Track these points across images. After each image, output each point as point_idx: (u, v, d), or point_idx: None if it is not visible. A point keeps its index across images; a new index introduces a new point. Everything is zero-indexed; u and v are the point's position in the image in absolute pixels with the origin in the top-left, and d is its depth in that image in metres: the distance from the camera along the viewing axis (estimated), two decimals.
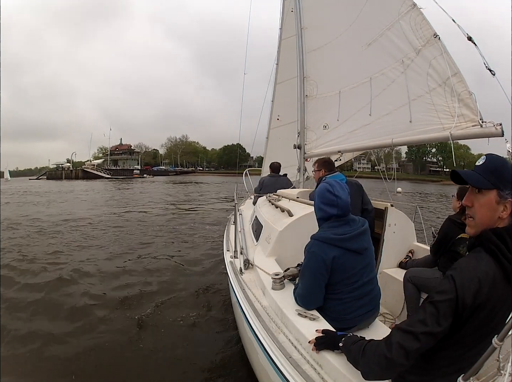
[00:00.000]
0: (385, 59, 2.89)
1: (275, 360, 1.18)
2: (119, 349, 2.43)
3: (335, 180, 1.50)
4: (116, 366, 2.23)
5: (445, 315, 0.81)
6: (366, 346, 0.96)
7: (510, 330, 0.68)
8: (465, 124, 2.21)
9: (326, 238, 1.35)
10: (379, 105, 3.01)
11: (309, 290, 1.37)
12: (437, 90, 2.39)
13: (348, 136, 3.39)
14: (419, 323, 0.83)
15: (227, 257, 2.47)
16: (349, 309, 1.36)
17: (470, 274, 0.82)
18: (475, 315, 0.81)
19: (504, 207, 0.87)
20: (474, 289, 0.80)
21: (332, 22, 3.62)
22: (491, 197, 0.88)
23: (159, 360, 2.30)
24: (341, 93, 3.53)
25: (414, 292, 2.03)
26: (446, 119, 2.35)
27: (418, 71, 2.57)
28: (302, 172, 4.07)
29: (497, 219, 0.88)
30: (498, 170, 0.88)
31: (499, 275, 0.82)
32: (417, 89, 2.58)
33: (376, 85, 3.04)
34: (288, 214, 2.16)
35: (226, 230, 3.39)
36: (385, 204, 2.49)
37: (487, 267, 0.83)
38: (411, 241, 2.63)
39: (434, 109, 2.44)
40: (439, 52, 2.36)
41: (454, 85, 2.26)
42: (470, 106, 2.20)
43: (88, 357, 2.32)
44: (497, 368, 0.83)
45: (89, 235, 6.53)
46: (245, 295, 1.72)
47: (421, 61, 2.52)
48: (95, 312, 3.00)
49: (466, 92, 2.23)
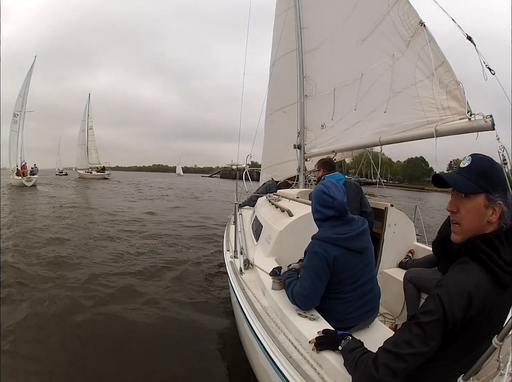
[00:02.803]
0: (378, 54, 2.77)
1: (275, 360, 1.18)
2: (116, 345, 2.43)
3: (332, 181, 1.51)
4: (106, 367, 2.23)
5: (432, 336, 0.77)
6: (358, 361, 0.91)
7: (510, 330, 0.67)
8: (452, 117, 2.04)
9: (327, 237, 1.35)
10: (367, 102, 2.90)
11: (309, 290, 1.37)
12: (425, 82, 2.24)
13: (342, 135, 3.32)
14: (405, 344, 0.78)
15: (227, 257, 2.47)
16: (349, 309, 1.36)
17: (458, 289, 0.77)
18: (467, 327, 0.77)
19: (493, 211, 0.81)
20: (464, 304, 0.75)
21: (328, 19, 3.55)
22: (479, 201, 0.81)
23: (157, 360, 2.30)
24: (336, 91, 3.45)
25: (414, 292, 2.03)
26: (431, 112, 2.19)
27: (407, 64, 2.42)
28: (302, 172, 4.07)
29: (486, 224, 0.82)
30: (488, 173, 0.82)
31: (491, 284, 0.77)
32: (403, 82, 2.43)
33: (366, 81, 2.93)
34: (288, 214, 2.16)
35: (226, 230, 3.39)
36: (385, 204, 2.49)
37: (477, 279, 0.77)
38: (411, 241, 2.63)
39: (419, 101, 2.28)
40: (425, 41, 2.22)
41: (441, 75, 2.10)
42: (458, 97, 2.03)
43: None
44: (497, 368, 0.83)
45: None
46: (245, 295, 1.72)
47: (411, 54, 2.39)
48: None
49: (453, 82, 2.05)
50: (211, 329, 2.73)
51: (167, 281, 3.83)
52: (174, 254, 5.03)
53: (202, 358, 2.34)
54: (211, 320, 2.89)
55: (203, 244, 5.83)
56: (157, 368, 2.20)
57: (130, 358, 2.30)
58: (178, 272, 4.14)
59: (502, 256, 0.78)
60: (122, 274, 4.00)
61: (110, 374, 2.13)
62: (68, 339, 2.52)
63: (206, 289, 3.60)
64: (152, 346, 2.44)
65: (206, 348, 2.46)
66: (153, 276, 3.98)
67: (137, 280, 3.80)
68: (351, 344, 1.02)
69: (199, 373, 2.18)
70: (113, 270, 4.13)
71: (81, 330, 2.65)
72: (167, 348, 2.43)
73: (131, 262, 4.55)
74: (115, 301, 3.20)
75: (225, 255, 2.61)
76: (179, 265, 4.43)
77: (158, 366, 2.22)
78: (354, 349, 0.98)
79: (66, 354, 2.33)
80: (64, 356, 2.31)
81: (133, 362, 2.26)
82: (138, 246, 5.41)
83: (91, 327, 2.71)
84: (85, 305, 3.09)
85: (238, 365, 2.13)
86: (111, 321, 2.82)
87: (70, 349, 2.38)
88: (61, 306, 3.06)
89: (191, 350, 2.42)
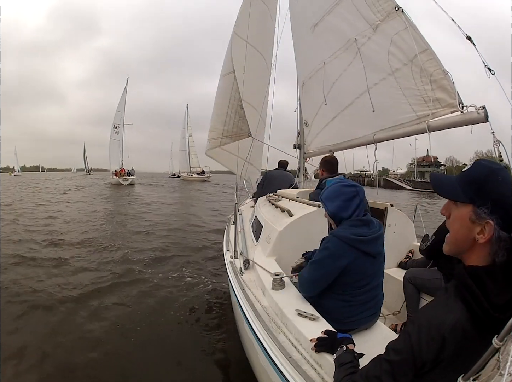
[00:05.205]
0: (336, 39, 2.52)
1: (275, 360, 1.18)
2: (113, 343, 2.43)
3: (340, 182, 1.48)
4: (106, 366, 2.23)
5: (401, 373, 0.73)
6: (341, 381, 0.89)
7: (510, 330, 0.67)
8: (443, 110, 1.88)
9: (345, 236, 1.33)
10: (339, 95, 2.65)
11: (313, 278, 1.38)
12: (403, 71, 2.05)
13: (323, 133, 3.10)
14: (376, 380, 0.75)
15: (227, 257, 2.47)
16: (354, 312, 1.36)
17: (431, 332, 0.69)
18: (441, 366, 0.71)
19: (481, 229, 0.70)
20: (435, 347, 0.69)
21: (300, 8, 3.20)
22: (464, 212, 0.72)
23: (156, 359, 2.30)
24: (304, 85, 3.25)
25: (414, 292, 2.03)
26: (418, 105, 2.01)
27: (376, 50, 2.21)
28: (302, 172, 4.07)
29: (474, 243, 0.72)
30: (477, 182, 0.71)
31: (471, 327, 0.69)
32: (378, 72, 2.22)
33: (331, 72, 2.67)
34: (288, 214, 2.16)
35: (226, 230, 3.39)
36: (385, 204, 2.49)
37: (455, 320, 0.68)
38: (411, 241, 2.63)
39: (402, 93, 2.09)
40: (402, 26, 2.03)
41: (424, 63, 1.91)
42: (446, 88, 1.86)
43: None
44: (497, 368, 0.83)
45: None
46: (245, 295, 1.71)
47: (379, 38, 2.19)
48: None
49: (439, 71, 1.88)
50: (210, 329, 2.72)
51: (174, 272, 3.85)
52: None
53: (201, 358, 2.34)
54: (210, 320, 2.89)
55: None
56: (156, 369, 2.19)
57: (126, 359, 2.30)
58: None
59: (491, 298, 0.67)
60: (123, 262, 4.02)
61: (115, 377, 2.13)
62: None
63: (206, 289, 3.60)
64: (150, 347, 2.43)
65: (205, 348, 2.46)
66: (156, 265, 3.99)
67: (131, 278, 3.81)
68: (343, 357, 0.99)
69: (198, 374, 2.18)
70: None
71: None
72: (165, 349, 2.42)
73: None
74: (104, 295, 3.21)
75: (225, 255, 2.60)
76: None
77: (156, 367, 2.22)
78: (343, 365, 0.95)
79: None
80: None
81: (130, 363, 2.26)
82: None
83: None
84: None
85: (238, 365, 2.14)
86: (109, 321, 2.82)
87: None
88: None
89: (191, 351, 2.42)
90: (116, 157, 27.90)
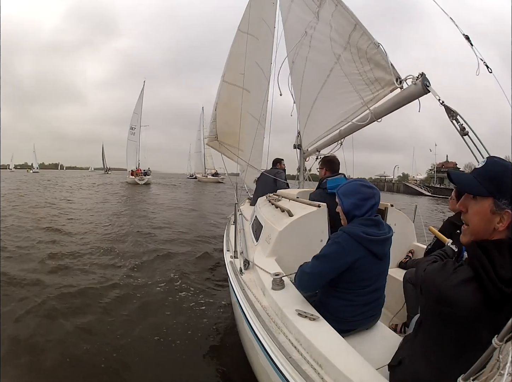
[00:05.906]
0: (294, 35, 2.45)
1: (275, 360, 1.18)
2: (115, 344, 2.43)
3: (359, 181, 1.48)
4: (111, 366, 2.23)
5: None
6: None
7: (510, 330, 0.67)
8: (383, 91, 1.71)
9: (354, 234, 1.33)
10: (307, 92, 2.56)
11: (320, 271, 1.36)
12: (345, 56, 1.87)
13: (305, 132, 3.04)
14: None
15: (227, 257, 2.46)
16: (356, 312, 1.37)
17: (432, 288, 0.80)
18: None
19: (500, 218, 0.78)
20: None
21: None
22: (485, 205, 0.80)
23: (156, 362, 2.29)
24: (292, 83, 3.14)
25: (414, 292, 2.03)
26: (363, 90, 1.84)
27: (321, 39, 2.07)
28: (302, 171, 4.07)
29: (493, 231, 0.80)
30: (498, 177, 0.79)
31: (477, 294, 0.74)
32: (327, 62, 2.08)
33: (298, 68, 2.59)
34: (288, 214, 2.16)
35: (226, 230, 3.39)
36: (385, 204, 2.48)
37: (462, 284, 0.77)
38: (411, 241, 2.63)
39: (348, 81, 1.91)
40: (333, 6, 1.88)
41: (358, 42, 1.76)
42: (380, 63, 1.68)
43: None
44: (497, 368, 0.83)
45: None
46: (245, 295, 1.71)
47: (322, 26, 2.07)
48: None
49: (372, 45, 1.72)
50: (210, 329, 2.72)
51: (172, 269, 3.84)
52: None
53: (201, 358, 2.34)
54: (210, 320, 2.89)
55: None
56: (156, 370, 2.19)
57: (128, 360, 2.30)
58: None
59: (497, 270, 0.73)
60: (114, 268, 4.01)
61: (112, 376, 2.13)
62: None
63: (205, 288, 3.60)
64: (150, 348, 2.43)
65: (205, 348, 2.46)
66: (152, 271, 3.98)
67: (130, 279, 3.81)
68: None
69: (198, 374, 2.18)
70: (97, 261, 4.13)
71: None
72: (165, 350, 2.42)
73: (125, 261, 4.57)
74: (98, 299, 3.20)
75: (225, 255, 2.60)
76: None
77: (156, 368, 2.22)
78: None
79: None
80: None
81: (131, 364, 2.25)
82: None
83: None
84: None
85: (238, 365, 2.13)
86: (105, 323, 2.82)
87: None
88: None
89: (191, 351, 2.42)
90: (133, 157, 28.81)
